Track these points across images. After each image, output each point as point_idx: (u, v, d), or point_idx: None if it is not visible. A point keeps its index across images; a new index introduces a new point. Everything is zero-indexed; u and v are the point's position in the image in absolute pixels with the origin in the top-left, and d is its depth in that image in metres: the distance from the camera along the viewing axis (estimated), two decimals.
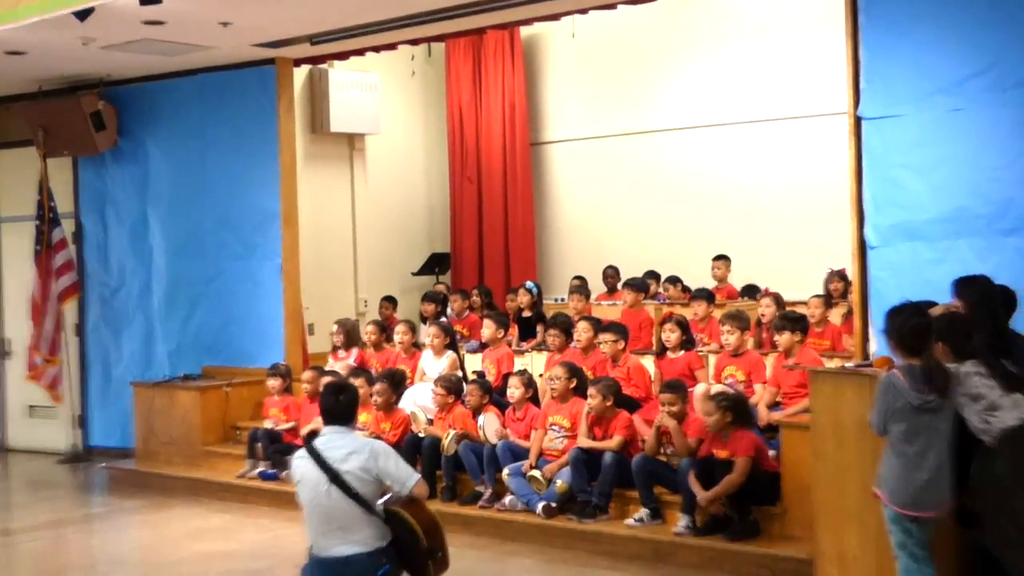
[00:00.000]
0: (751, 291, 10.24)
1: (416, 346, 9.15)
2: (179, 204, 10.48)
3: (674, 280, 10.65)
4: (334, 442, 4.91)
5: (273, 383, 9.27)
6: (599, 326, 8.13)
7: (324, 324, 10.99)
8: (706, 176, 11.55)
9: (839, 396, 5.66)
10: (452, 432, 7.83)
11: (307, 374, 9.03)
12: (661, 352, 7.89)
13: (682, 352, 7.78)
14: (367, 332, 9.48)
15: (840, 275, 9.21)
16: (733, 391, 6.96)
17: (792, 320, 7.27)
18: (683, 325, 7.82)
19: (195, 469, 9.53)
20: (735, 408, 6.60)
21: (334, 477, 4.80)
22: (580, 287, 10.05)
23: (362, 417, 8.42)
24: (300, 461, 4.94)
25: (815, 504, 5.86)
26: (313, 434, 8.49)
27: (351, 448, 4.89)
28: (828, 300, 8.56)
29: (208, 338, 10.40)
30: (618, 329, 7.96)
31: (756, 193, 11.19)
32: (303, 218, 10.34)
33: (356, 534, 4.81)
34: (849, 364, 6.15)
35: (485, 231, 12.87)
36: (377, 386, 8.25)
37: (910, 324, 4.80)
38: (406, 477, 4.90)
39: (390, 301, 11.29)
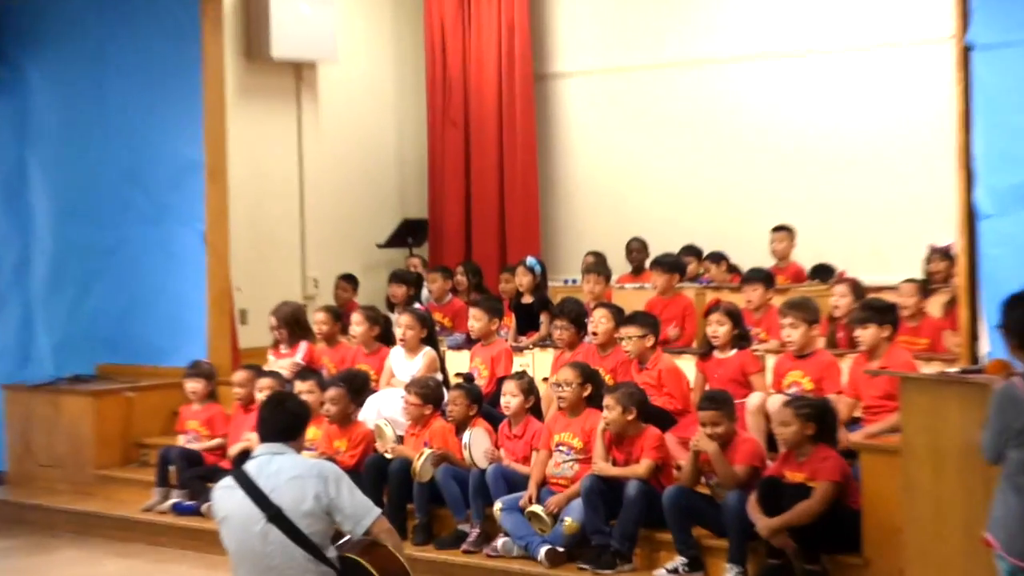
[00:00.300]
0: (822, 273, 10.22)
1: (381, 340, 9.11)
2: (70, 150, 10.42)
3: (717, 257, 10.65)
4: (271, 465, 4.88)
5: (193, 387, 9.24)
6: (621, 316, 8.10)
7: (261, 310, 10.93)
8: (764, 122, 11.53)
9: (939, 411, 5.64)
10: (427, 451, 7.80)
11: (239, 375, 9.00)
12: (707, 351, 7.87)
13: (733, 351, 7.76)
14: (317, 322, 9.44)
15: (944, 253, 9.17)
16: (813, 397, 6.93)
17: (878, 310, 7.23)
18: (735, 316, 7.81)
19: (86, 500, 9.46)
20: (819, 418, 6.60)
21: (273, 514, 4.77)
22: (597, 265, 10.03)
23: (310, 433, 8.38)
24: (226, 492, 4.92)
25: (906, 553, 5.85)
26: (245, 455, 8.54)
27: (293, 472, 4.85)
28: (925, 286, 8.54)
29: (106, 328, 10.35)
30: (646, 320, 7.94)
31: (829, 145, 11.18)
32: (234, 172, 10.28)
33: None
34: (952, 369, 6.11)
35: (473, 191, 12.84)
36: (330, 392, 8.23)
37: None
38: (363, 512, 4.89)
39: (349, 281, 11.26)
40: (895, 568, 6.10)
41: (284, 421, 5.01)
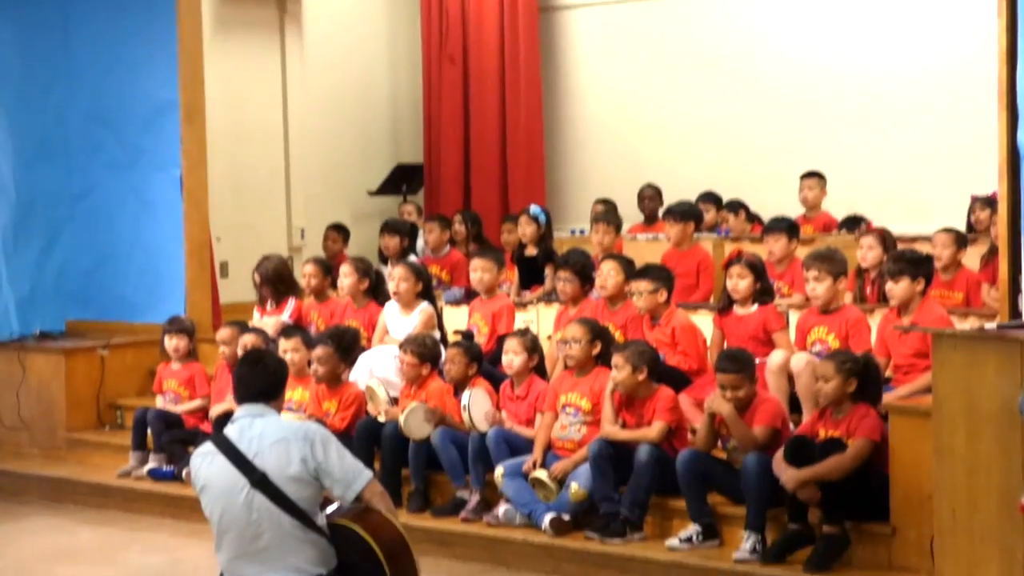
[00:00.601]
0: (854, 224, 10.23)
1: (373, 295, 9.14)
2: (33, 90, 10.41)
3: (735, 206, 10.63)
4: (253, 428, 4.93)
5: (175, 344, 9.25)
6: (631, 269, 8.13)
7: (243, 263, 10.98)
8: (789, 59, 11.51)
9: (975, 369, 5.67)
10: (414, 404, 7.84)
11: (224, 332, 9.03)
12: (726, 306, 7.90)
13: (755, 307, 7.79)
14: (306, 275, 9.48)
15: (988, 201, 9.18)
16: (856, 353, 6.95)
17: (911, 262, 7.24)
18: (757, 269, 7.82)
19: (57, 465, 9.54)
20: (863, 374, 6.65)
21: (257, 479, 4.82)
22: (606, 214, 10.04)
23: (296, 394, 8.45)
24: (205, 458, 4.97)
25: (937, 523, 5.89)
26: (226, 417, 8.59)
27: (277, 435, 4.90)
28: (961, 238, 8.55)
29: (75, 281, 10.41)
30: (658, 274, 7.96)
31: (861, 85, 11.16)
32: (213, 112, 10.30)
33: (287, 558, 4.84)
34: (990, 325, 6.14)
35: (473, 134, 12.83)
36: (318, 351, 8.27)
37: None
38: (353, 476, 4.93)
39: (339, 231, 11.29)
40: (925, 537, 6.16)
41: (263, 381, 5.04)
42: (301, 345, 8.45)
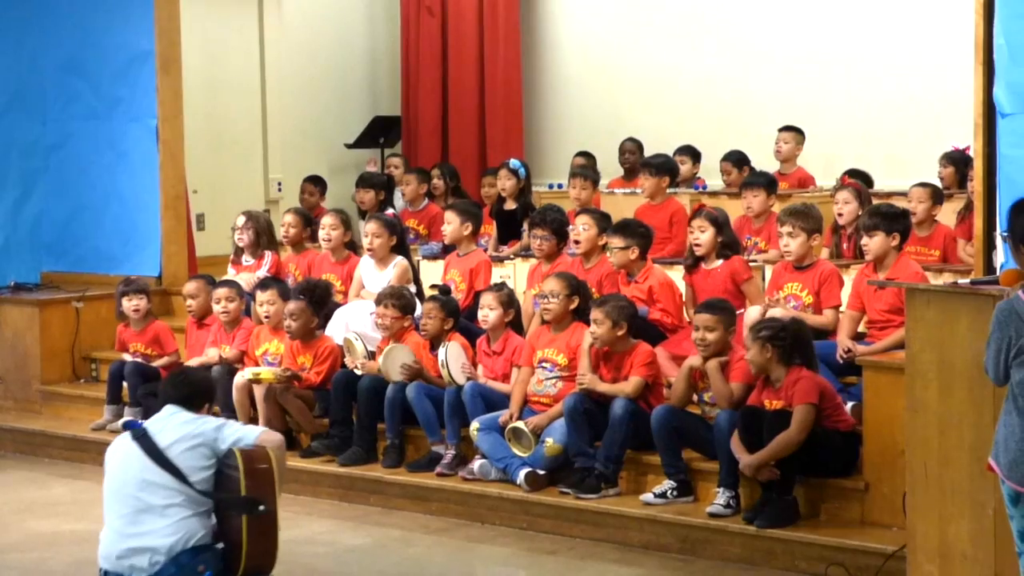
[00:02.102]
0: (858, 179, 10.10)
1: (351, 248, 9.14)
2: (6, 39, 10.34)
3: (740, 159, 10.48)
4: (168, 424, 5.27)
5: (133, 304, 9.10)
6: (607, 223, 8.11)
7: (219, 216, 10.98)
8: (769, 14, 11.50)
9: (948, 325, 5.66)
10: (401, 346, 7.84)
11: (190, 286, 8.99)
12: (693, 263, 7.90)
13: (720, 261, 7.79)
14: (285, 224, 9.46)
15: (951, 158, 9.20)
16: (784, 317, 6.97)
17: (887, 217, 7.24)
18: (718, 222, 7.79)
19: (31, 418, 9.57)
20: (780, 340, 6.64)
21: (149, 448, 5.15)
22: (585, 169, 10.02)
23: (272, 346, 8.45)
24: (120, 443, 5.34)
25: (910, 478, 5.91)
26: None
27: (185, 430, 5.24)
28: (937, 193, 8.56)
29: (49, 232, 10.38)
30: (632, 230, 7.91)
31: (839, 40, 11.15)
32: (189, 62, 10.26)
33: (166, 519, 5.12)
34: (964, 280, 6.15)
35: (451, 86, 12.79)
36: (290, 306, 8.26)
37: None
38: (249, 431, 5.33)
39: (316, 184, 11.26)
40: (897, 493, 6.20)
41: (185, 390, 5.38)
42: (277, 298, 8.43)
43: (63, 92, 10.24)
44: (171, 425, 5.26)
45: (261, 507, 5.13)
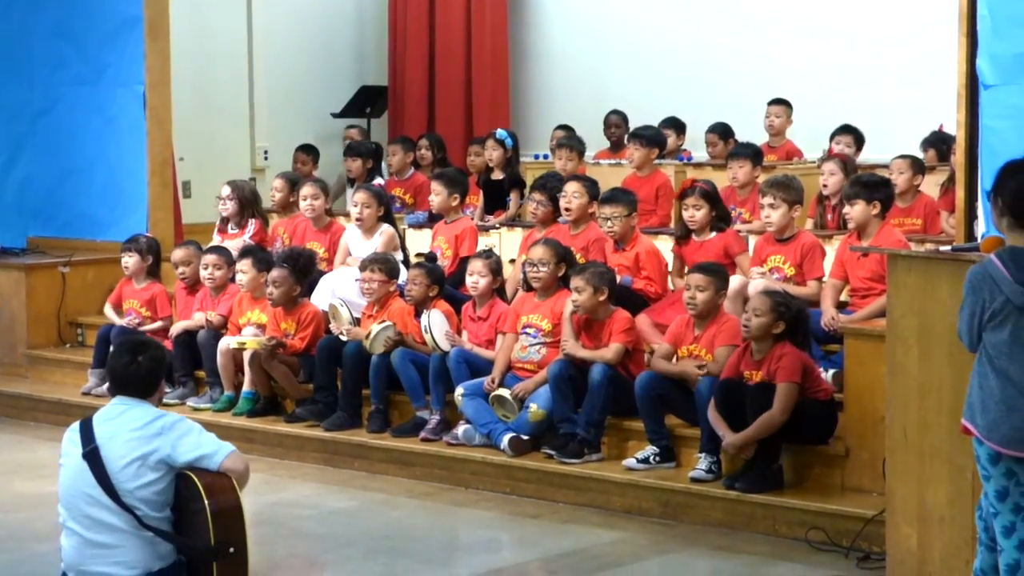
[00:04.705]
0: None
1: (330, 214, 9.18)
2: None
3: (726, 133, 10.50)
4: (118, 430, 5.00)
5: (130, 262, 9.22)
6: (596, 190, 8.15)
7: (205, 183, 10.98)
8: None
9: (929, 291, 5.70)
10: (382, 324, 7.88)
11: (178, 252, 9.04)
12: (684, 235, 7.94)
13: (713, 234, 7.83)
14: (273, 188, 9.49)
15: (932, 141, 9.25)
16: (791, 296, 7.00)
17: (867, 185, 7.30)
18: (711, 197, 7.83)
19: (18, 382, 9.58)
20: (793, 320, 6.69)
21: (88, 451, 4.94)
22: (568, 139, 10.01)
23: (254, 315, 8.48)
24: (71, 435, 5.12)
25: (889, 442, 5.96)
26: (187, 335, 8.62)
27: (133, 426, 4.99)
28: (918, 164, 8.62)
29: (36, 197, 10.37)
30: (629, 198, 7.97)
31: (827, 12, 11.18)
32: (177, 28, 10.23)
33: (121, 554, 4.96)
34: (945, 247, 6.20)
35: (438, 56, 12.79)
36: (273, 273, 8.29)
37: None
38: (214, 449, 5.04)
39: (308, 152, 11.27)
40: (877, 459, 6.24)
41: (136, 382, 5.08)
42: (251, 267, 8.47)
43: (51, 57, 10.21)
44: (121, 433, 4.98)
45: (231, 549, 4.95)
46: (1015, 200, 4.84)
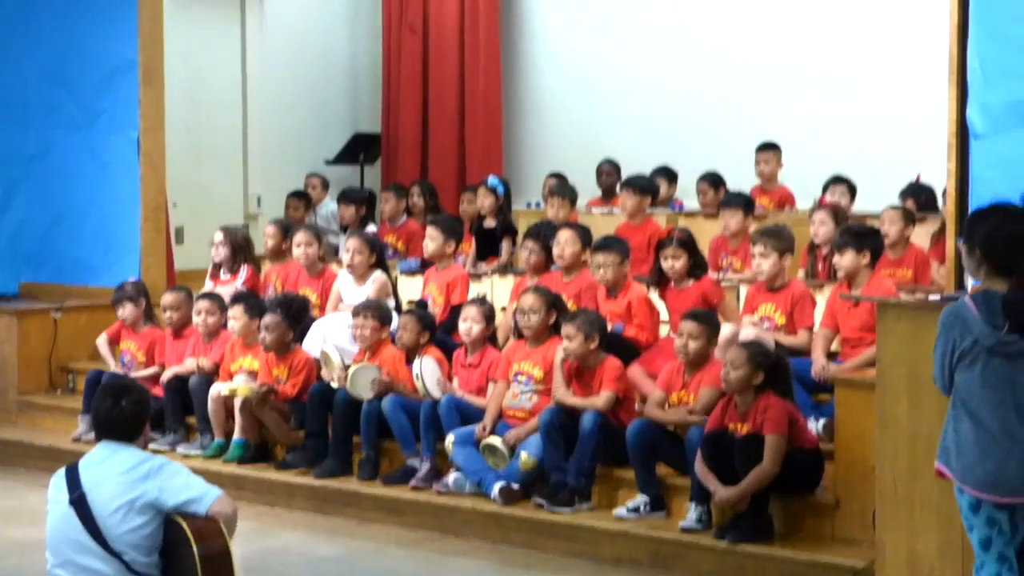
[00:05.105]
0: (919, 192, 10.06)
1: (324, 261, 9.20)
2: None
3: (716, 182, 10.54)
4: (105, 475, 5.00)
5: (125, 312, 9.17)
6: (588, 238, 8.18)
7: (198, 229, 10.99)
8: (747, 35, 11.60)
9: (918, 340, 5.73)
10: (360, 364, 7.86)
11: (168, 297, 9.03)
12: (661, 282, 7.96)
13: (691, 282, 7.86)
14: (266, 235, 9.53)
15: (911, 191, 9.27)
16: (768, 345, 7.01)
17: (857, 235, 7.34)
18: (688, 245, 7.86)
19: (8, 428, 9.57)
20: (772, 368, 6.69)
21: (87, 519, 4.92)
22: (560, 188, 10.01)
23: (246, 361, 8.47)
24: (57, 482, 5.12)
25: (879, 492, 5.98)
26: (178, 380, 8.60)
27: (120, 469, 4.98)
28: (909, 215, 8.64)
29: (29, 242, 10.38)
30: (621, 246, 7.99)
31: (817, 60, 11.26)
32: (172, 75, 10.30)
33: None
34: (935, 296, 6.22)
35: (431, 104, 12.85)
36: (267, 318, 8.29)
37: (1005, 231, 4.84)
38: (202, 492, 5.04)
39: (301, 199, 11.28)
40: (868, 509, 6.25)
41: (120, 426, 5.09)
42: (243, 313, 8.46)
43: (45, 102, 10.24)
44: (109, 478, 4.99)
45: None
46: (986, 244, 4.86)
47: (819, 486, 6.74)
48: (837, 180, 9.78)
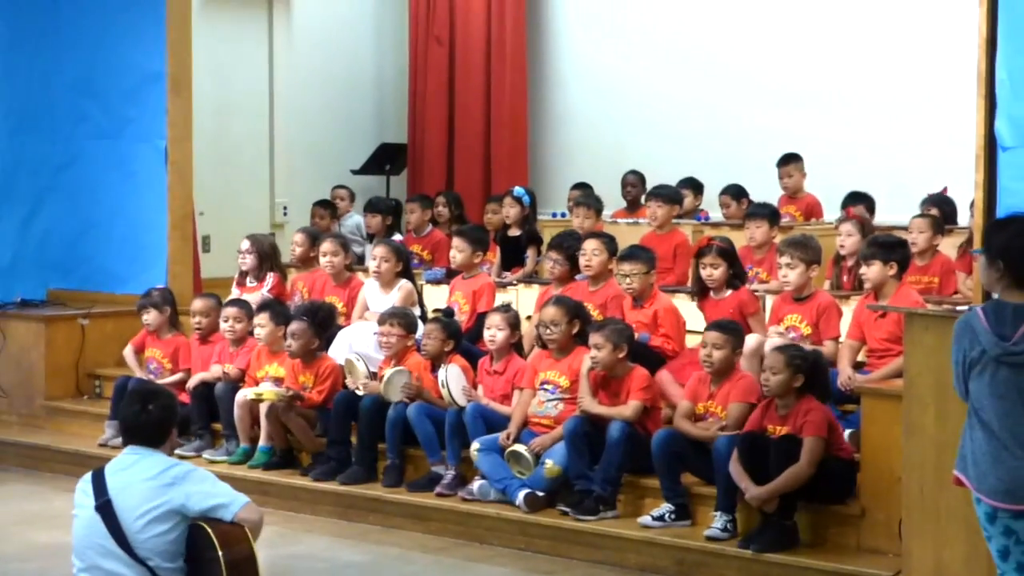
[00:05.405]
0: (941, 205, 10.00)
1: (350, 269, 9.24)
2: (18, 58, 10.43)
3: (738, 194, 10.55)
4: (131, 480, 5.01)
5: (150, 318, 9.21)
6: (614, 247, 8.20)
7: (225, 238, 11.03)
8: (775, 48, 11.60)
9: (945, 350, 5.60)
10: (395, 368, 7.89)
11: (199, 303, 9.09)
12: (701, 292, 7.97)
13: (729, 292, 7.86)
14: (294, 243, 9.57)
15: (934, 201, 9.25)
16: (804, 347, 7.04)
17: (884, 246, 7.33)
18: (729, 255, 7.87)
19: (35, 432, 9.61)
20: (811, 371, 6.71)
21: (113, 526, 4.94)
22: (586, 198, 10.02)
23: (272, 368, 8.50)
24: (83, 486, 5.13)
25: (905, 502, 5.97)
26: (205, 387, 8.64)
27: (145, 476, 4.99)
28: (937, 223, 8.63)
29: (57, 250, 10.43)
30: (648, 256, 7.99)
31: (845, 73, 11.26)
32: (199, 85, 10.35)
33: None
34: (961, 307, 6.22)
35: (457, 115, 12.88)
36: (293, 325, 8.32)
37: (1022, 242, 4.84)
38: (229, 499, 5.05)
39: (326, 208, 11.31)
40: (893, 519, 6.26)
41: (147, 431, 5.10)
42: (268, 321, 8.49)
43: (73, 112, 10.30)
44: (135, 483, 5.00)
45: None
46: (1005, 254, 4.83)
47: (850, 496, 6.73)
48: (856, 196, 9.75)
